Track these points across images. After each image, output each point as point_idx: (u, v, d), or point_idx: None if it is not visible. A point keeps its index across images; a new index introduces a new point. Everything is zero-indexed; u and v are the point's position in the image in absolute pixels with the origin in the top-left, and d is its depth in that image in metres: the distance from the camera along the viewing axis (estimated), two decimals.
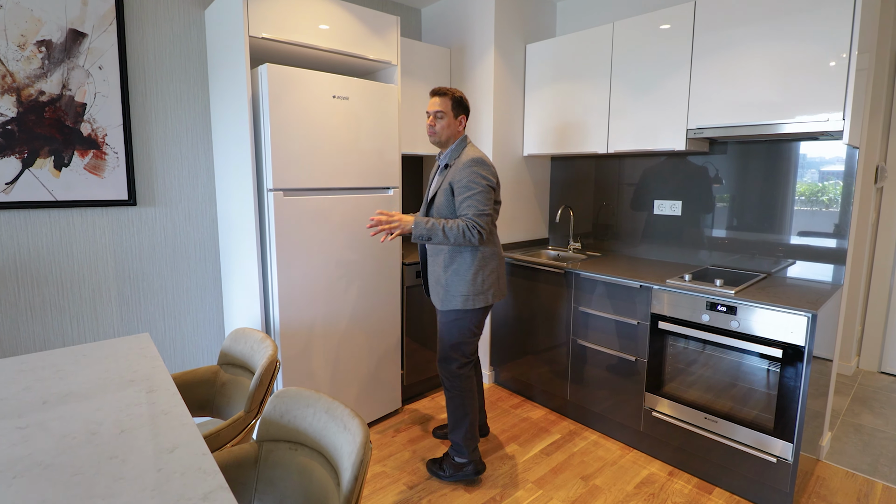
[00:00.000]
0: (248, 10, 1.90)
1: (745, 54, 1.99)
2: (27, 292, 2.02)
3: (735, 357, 1.92)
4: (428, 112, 1.93)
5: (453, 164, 1.90)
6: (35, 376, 1.34)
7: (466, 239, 1.80)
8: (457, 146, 1.94)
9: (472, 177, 1.83)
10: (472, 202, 1.82)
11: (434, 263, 1.98)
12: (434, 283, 1.99)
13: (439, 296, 1.97)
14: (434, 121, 1.91)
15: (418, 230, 1.80)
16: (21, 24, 1.84)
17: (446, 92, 1.92)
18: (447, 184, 1.88)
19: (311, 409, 1.15)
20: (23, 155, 1.90)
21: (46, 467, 0.93)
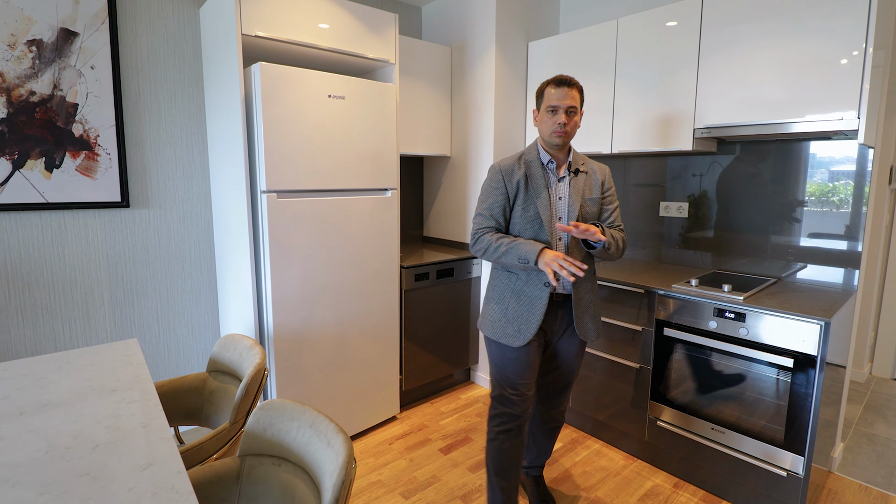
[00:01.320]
0: (240, 8, 1.85)
1: (754, 51, 1.92)
2: (18, 296, 1.99)
3: (743, 366, 1.84)
4: (555, 107, 1.56)
5: (585, 169, 1.66)
6: (15, 385, 1.30)
7: (621, 250, 1.66)
8: (573, 150, 1.69)
9: (614, 185, 1.79)
10: (618, 212, 1.73)
11: (585, 289, 1.66)
12: (583, 313, 1.66)
13: (593, 325, 1.70)
14: (567, 118, 1.57)
15: (608, 239, 1.61)
16: (11, 24, 1.81)
17: (577, 83, 1.59)
18: (595, 191, 1.66)
19: (296, 422, 1.10)
20: (13, 156, 1.87)
21: (14, 485, 0.88)
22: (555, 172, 1.65)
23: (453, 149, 3.01)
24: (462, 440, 2.42)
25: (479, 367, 3.06)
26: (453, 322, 2.85)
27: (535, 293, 1.62)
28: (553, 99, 1.57)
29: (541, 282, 1.61)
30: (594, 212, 1.66)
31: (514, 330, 1.63)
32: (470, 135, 2.88)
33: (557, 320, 1.68)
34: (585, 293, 1.67)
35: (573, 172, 1.65)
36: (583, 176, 1.66)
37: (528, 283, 1.63)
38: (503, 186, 1.64)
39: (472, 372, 3.10)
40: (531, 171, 1.64)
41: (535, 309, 1.61)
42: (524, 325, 1.62)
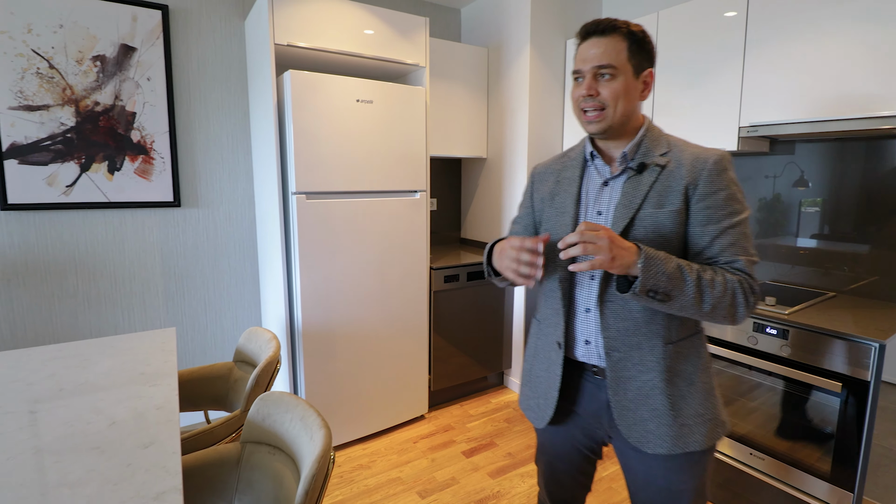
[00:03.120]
0: (273, 19, 1.96)
1: (819, 41, 1.73)
2: (84, 285, 2.23)
3: (786, 387, 1.68)
4: (578, 71, 1.00)
5: (662, 161, 0.99)
6: (63, 364, 1.46)
7: (733, 310, 0.92)
8: (651, 129, 1.03)
9: (731, 189, 0.95)
10: (742, 238, 0.95)
11: (637, 364, 0.99)
12: (634, 405, 1.00)
13: (662, 430, 0.98)
14: (595, 85, 0.97)
15: (655, 275, 0.87)
16: (79, 42, 2.04)
17: (620, 26, 0.96)
18: (672, 198, 0.96)
19: (290, 414, 1.14)
20: (81, 160, 2.10)
21: (35, 452, 0.99)
22: (603, 171, 1.05)
23: (489, 150, 3.00)
24: (486, 444, 2.40)
25: (512, 371, 3.02)
26: (485, 325, 2.83)
27: (548, 355, 1.10)
28: (577, 60, 1.00)
29: (552, 339, 1.08)
30: (665, 236, 0.96)
31: (534, 403, 1.15)
32: (505, 136, 2.85)
33: (604, 411, 1.06)
34: (639, 371, 0.99)
35: (634, 168, 1.00)
36: (652, 174, 0.98)
37: (539, 335, 1.14)
38: (530, 198, 1.20)
39: (506, 376, 3.07)
40: (565, 173, 1.11)
41: (549, 380, 1.10)
42: (543, 398, 1.12)
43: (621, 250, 0.87)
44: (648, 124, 1.04)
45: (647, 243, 0.95)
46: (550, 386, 1.09)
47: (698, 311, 0.91)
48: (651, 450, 0.99)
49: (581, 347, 1.05)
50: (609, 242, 0.86)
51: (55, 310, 2.17)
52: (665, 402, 0.98)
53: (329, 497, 1.99)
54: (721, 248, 0.95)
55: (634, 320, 0.99)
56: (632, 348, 0.99)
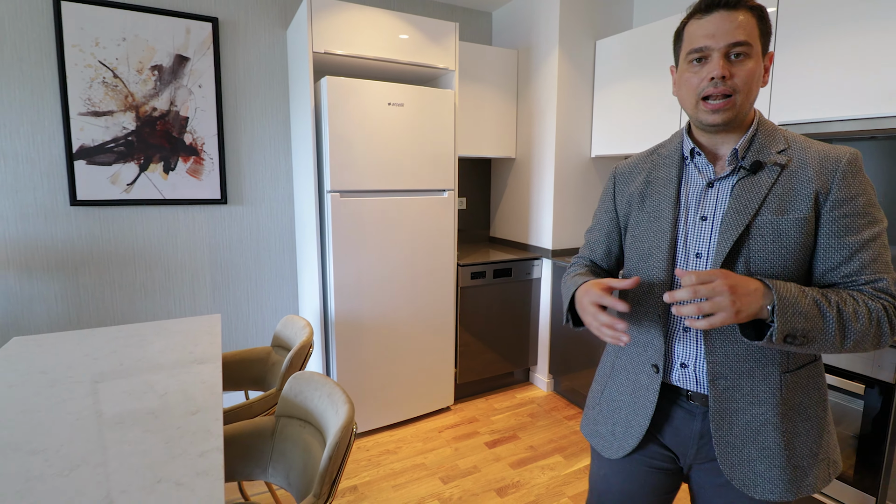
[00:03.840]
0: (311, 30, 2.10)
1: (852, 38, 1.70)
2: (141, 275, 2.44)
3: None
4: (701, 49, 0.83)
5: (782, 159, 0.85)
6: (123, 343, 1.64)
7: (878, 339, 0.79)
8: (763, 122, 0.89)
9: (869, 194, 0.83)
10: (884, 251, 0.82)
11: (748, 396, 0.87)
12: (742, 442, 0.87)
13: (773, 472, 0.86)
14: (728, 66, 0.81)
15: (793, 318, 0.74)
16: (139, 53, 2.24)
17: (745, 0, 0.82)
18: (798, 204, 0.82)
19: (319, 391, 1.26)
20: (140, 161, 2.31)
21: (101, 415, 1.15)
22: (706, 170, 0.91)
23: (518, 150, 3.05)
24: (509, 437, 2.46)
25: (538, 368, 3.06)
26: (512, 321, 2.89)
27: (639, 379, 0.96)
28: (699, 37, 0.83)
29: (647, 361, 0.95)
30: (788, 248, 0.82)
31: (607, 430, 1.01)
32: (533, 136, 2.90)
33: (694, 441, 0.93)
34: (749, 403, 0.86)
35: (747, 168, 0.86)
36: (770, 175, 0.84)
37: (620, 353, 1.02)
38: (611, 200, 1.06)
39: (532, 373, 3.11)
40: (658, 173, 0.97)
41: (639, 404, 0.96)
42: (623, 426, 0.98)
43: (745, 298, 0.73)
44: (760, 117, 0.90)
45: (766, 253, 0.82)
46: (638, 414, 0.95)
47: (839, 349, 0.78)
48: (758, 495, 0.85)
49: (676, 371, 0.91)
50: (729, 295, 0.72)
51: (115, 295, 2.40)
52: (779, 441, 0.85)
53: (357, 478, 2.11)
54: (862, 264, 0.80)
55: (746, 343, 0.84)
56: (742, 376, 0.86)
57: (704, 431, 0.90)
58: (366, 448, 2.35)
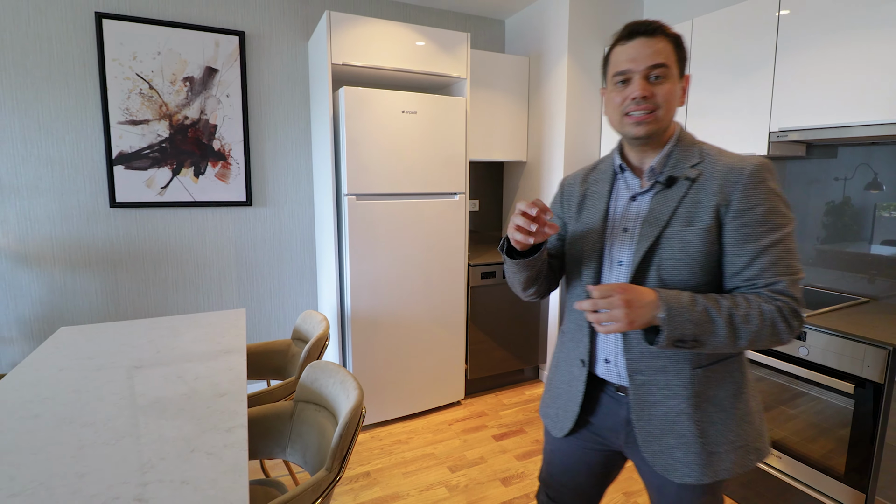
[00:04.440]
0: (331, 43, 2.24)
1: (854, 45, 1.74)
2: (173, 271, 2.62)
3: (804, 388, 1.72)
4: (625, 72, 0.91)
5: (693, 173, 0.93)
6: (158, 334, 1.80)
7: (774, 337, 0.86)
8: (682, 138, 0.97)
9: (773, 201, 0.88)
10: (785, 255, 0.87)
11: (666, 391, 0.95)
12: (660, 431, 0.96)
13: (689, 458, 0.94)
14: (647, 87, 0.90)
15: (680, 325, 0.83)
16: (173, 66, 2.42)
17: (665, 29, 0.92)
18: (702, 214, 0.90)
19: (332, 379, 1.38)
20: (172, 166, 2.49)
21: (141, 396, 1.29)
22: (633, 185, 1.00)
23: (529, 154, 3.14)
24: (516, 431, 2.56)
25: (547, 366, 3.14)
26: (521, 320, 2.98)
27: (571, 370, 1.08)
28: (622, 60, 0.91)
29: (576, 356, 1.06)
30: (693, 257, 0.90)
31: (553, 412, 1.14)
32: (543, 141, 2.98)
33: (622, 428, 1.03)
34: (666, 396, 0.94)
35: (663, 182, 0.95)
36: (680, 188, 0.93)
37: (562, 347, 1.13)
38: (560, 208, 1.15)
39: (541, 371, 3.20)
40: (594, 186, 1.06)
41: (571, 392, 1.07)
42: (563, 409, 1.10)
43: (639, 310, 0.83)
44: (680, 132, 0.98)
45: (674, 263, 0.91)
46: (571, 400, 1.07)
47: (734, 348, 0.86)
48: (678, 479, 0.94)
49: (601, 366, 1.02)
50: (624, 308, 0.82)
51: (150, 290, 2.58)
52: (693, 429, 0.93)
53: (370, 464, 2.24)
54: (761, 268, 0.87)
55: (645, 354, 0.95)
56: (657, 371, 0.95)
57: (630, 419, 1.00)
58: (379, 438, 2.48)
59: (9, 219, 2.30)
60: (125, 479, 0.94)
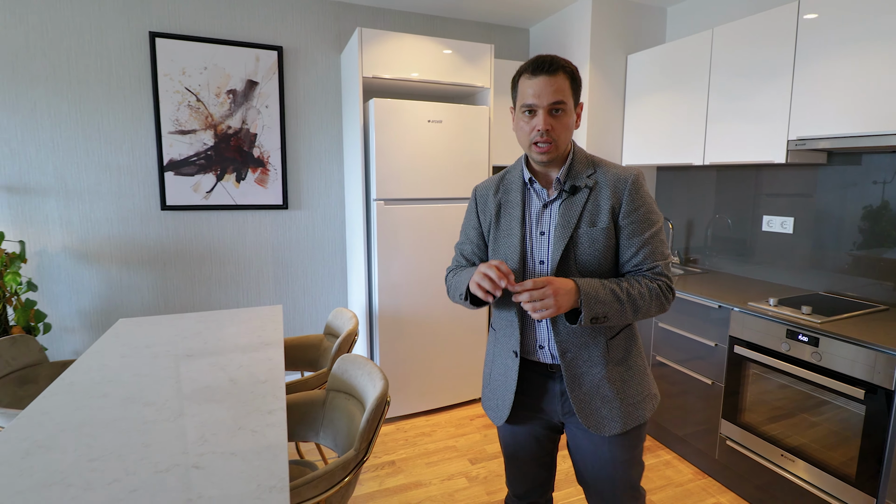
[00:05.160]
0: (361, 57, 2.38)
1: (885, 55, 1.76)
2: (217, 270, 2.83)
3: (816, 392, 1.75)
4: (531, 105, 1.08)
5: (590, 182, 1.13)
6: (205, 327, 1.98)
7: (660, 308, 1.11)
8: (577, 153, 1.16)
9: (649, 203, 1.13)
10: (659, 244, 1.12)
11: (587, 361, 1.14)
12: (589, 396, 1.15)
13: (614, 413, 1.15)
14: (550, 120, 1.07)
15: (596, 307, 1.03)
16: (217, 79, 2.62)
17: (564, 65, 1.07)
18: (602, 216, 1.11)
19: (361, 371, 1.52)
20: (217, 172, 2.69)
21: (192, 381, 1.46)
22: (541, 194, 1.16)
23: None
24: None
25: None
26: None
27: (506, 362, 1.22)
28: (528, 94, 1.07)
29: (509, 348, 1.20)
30: (599, 250, 1.11)
31: (493, 403, 1.27)
32: None
33: (557, 399, 1.20)
34: (589, 366, 1.14)
35: (567, 191, 1.13)
36: (581, 195, 1.12)
37: (496, 343, 1.26)
38: (475, 217, 1.27)
39: None
40: (508, 196, 1.20)
41: (506, 382, 1.22)
42: (499, 400, 1.25)
43: (565, 296, 1.01)
44: (574, 149, 1.16)
45: (587, 255, 1.11)
46: (507, 389, 1.21)
47: (633, 319, 1.10)
48: (608, 432, 1.14)
49: (537, 352, 1.19)
50: (553, 297, 1.00)
51: (196, 286, 2.80)
52: (612, 390, 1.15)
53: (395, 454, 2.38)
54: (644, 256, 1.11)
55: (572, 332, 1.14)
56: (581, 348, 1.14)
57: (563, 391, 1.18)
58: (404, 430, 2.61)
59: (73, 220, 2.54)
60: (183, 449, 1.09)
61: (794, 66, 2.00)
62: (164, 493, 0.94)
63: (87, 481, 0.98)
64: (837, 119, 1.87)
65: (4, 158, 2.40)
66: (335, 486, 1.18)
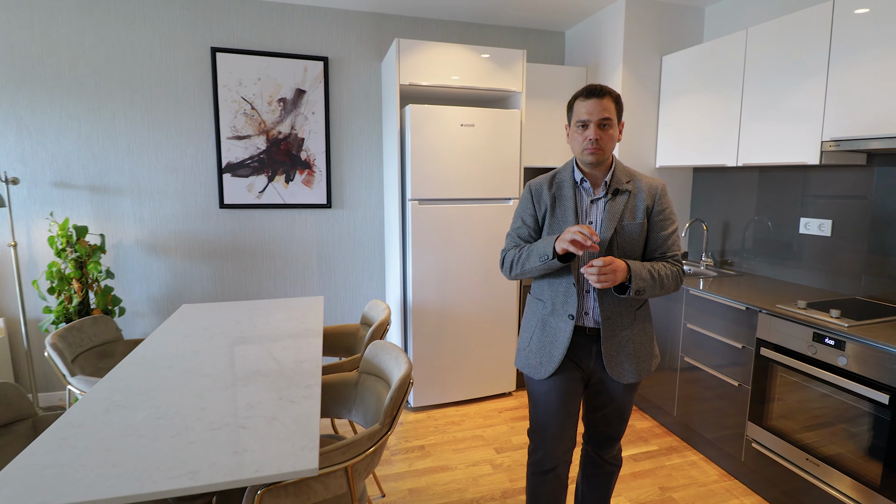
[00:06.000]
0: (399, 67, 2.54)
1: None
2: (267, 264, 3.08)
3: (842, 397, 1.73)
4: (584, 121, 1.38)
5: (629, 187, 1.45)
6: (256, 313, 2.20)
7: (676, 287, 1.45)
8: (618, 165, 1.47)
9: (671, 207, 1.48)
10: (677, 239, 1.48)
11: (620, 326, 1.46)
12: (617, 352, 1.46)
13: (632, 367, 1.47)
14: (600, 132, 1.37)
15: (640, 282, 1.35)
16: (270, 89, 2.86)
17: (610, 91, 1.39)
18: (639, 214, 1.43)
19: (389, 355, 1.67)
20: (268, 173, 2.93)
21: (243, 359, 1.66)
22: (589, 192, 1.46)
23: None
24: None
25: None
26: None
27: (559, 324, 1.48)
28: (582, 112, 1.38)
29: (566, 313, 1.46)
30: (635, 239, 1.43)
31: (536, 361, 1.52)
32: None
33: (592, 356, 1.49)
34: (620, 329, 1.46)
35: (611, 193, 1.43)
36: (623, 197, 1.44)
37: (553, 312, 1.50)
38: (532, 206, 1.53)
39: None
40: (561, 192, 1.49)
41: (558, 342, 1.48)
42: (546, 357, 1.50)
43: (620, 273, 1.32)
44: (615, 161, 1.48)
45: (626, 243, 1.43)
46: (557, 347, 1.48)
47: (660, 294, 1.43)
48: (626, 381, 1.49)
49: (583, 317, 1.49)
50: (613, 273, 1.31)
51: (248, 278, 3.06)
52: (633, 349, 1.49)
53: (425, 440, 2.52)
54: (668, 246, 1.47)
55: (617, 296, 1.45)
56: (617, 315, 1.46)
57: (597, 350, 1.49)
58: (434, 418, 2.75)
59: (144, 216, 2.86)
60: (233, 413, 1.27)
61: (828, 66, 1.97)
62: (216, 446, 1.12)
63: (155, 434, 1.17)
64: (872, 120, 1.83)
65: (89, 162, 2.74)
66: (361, 454, 1.32)
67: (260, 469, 1.04)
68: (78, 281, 2.52)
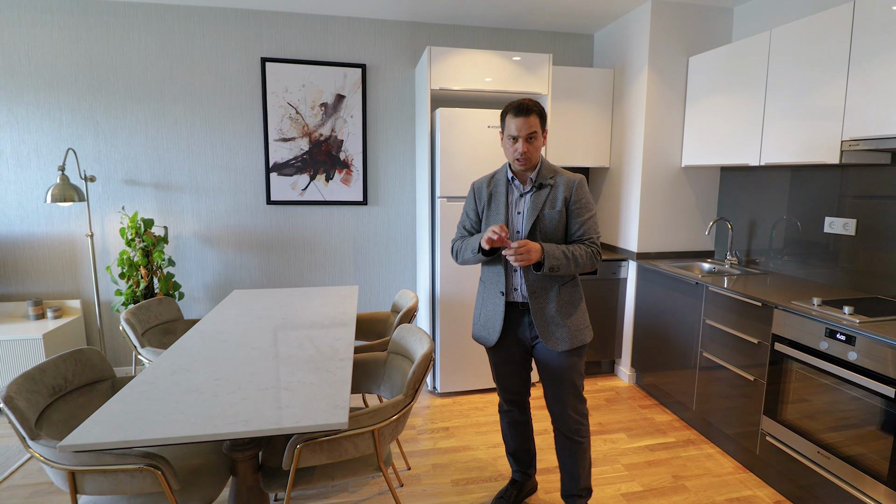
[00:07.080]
0: (430, 73, 2.71)
1: None
2: (309, 256, 3.34)
3: (853, 391, 1.77)
4: (514, 136, 1.64)
5: (551, 182, 1.71)
6: (297, 298, 2.43)
7: (592, 265, 1.68)
8: (543, 163, 1.74)
9: (589, 196, 1.73)
10: (594, 224, 1.71)
11: (546, 300, 1.71)
12: (547, 323, 1.71)
13: (564, 336, 1.70)
14: (527, 145, 1.64)
15: (553, 261, 1.58)
16: (312, 94, 3.10)
17: (535, 108, 1.64)
18: (558, 204, 1.68)
19: (413, 336, 1.84)
20: (310, 173, 3.18)
21: (286, 335, 1.87)
22: (519, 188, 1.73)
23: (612, 160, 3.33)
24: None
25: (622, 361, 3.31)
26: (599, 316, 3.20)
27: (494, 300, 1.78)
28: (512, 128, 1.64)
29: (497, 290, 1.76)
30: (555, 225, 1.68)
31: (484, 332, 1.83)
32: (625, 148, 3.16)
33: (525, 326, 1.77)
34: (547, 303, 1.71)
35: (536, 187, 1.70)
36: (546, 190, 1.70)
37: (489, 290, 1.80)
38: (473, 202, 1.83)
39: (616, 365, 3.37)
40: (496, 189, 1.77)
41: (496, 314, 1.77)
42: (490, 328, 1.80)
43: (535, 253, 1.57)
44: (542, 160, 1.75)
45: (547, 228, 1.68)
46: (496, 320, 1.79)
47: (575, 271, 1.66)
48: (560, 349, 1.72)
49: (512, 293, 1.77)
50: (527, 253, 1.56)
51: (291, 268, 3.32)
52: (563, 321, 1.72)
53: (449, 422, 2.69)
54: (584, 230, 1.70)
55: (542, 275, 1.70)
56: (542, 290, 1.72)
57: (529, 321, 1.76)
58: (459, 403, 2.91)
59: (201, 211, 3.16)
60: (278, 377, 1.48)
61: (848, 66, 1.99)
62: (263, 403, 1.33)
63: (214, 392, 1.39)
64: (893, 118, 1.85)
65: (154, 162, 3.07)
66: (386, 419, 1.50)
67: (299, 421, 1.23)
68: (145, 267, 2.85)
